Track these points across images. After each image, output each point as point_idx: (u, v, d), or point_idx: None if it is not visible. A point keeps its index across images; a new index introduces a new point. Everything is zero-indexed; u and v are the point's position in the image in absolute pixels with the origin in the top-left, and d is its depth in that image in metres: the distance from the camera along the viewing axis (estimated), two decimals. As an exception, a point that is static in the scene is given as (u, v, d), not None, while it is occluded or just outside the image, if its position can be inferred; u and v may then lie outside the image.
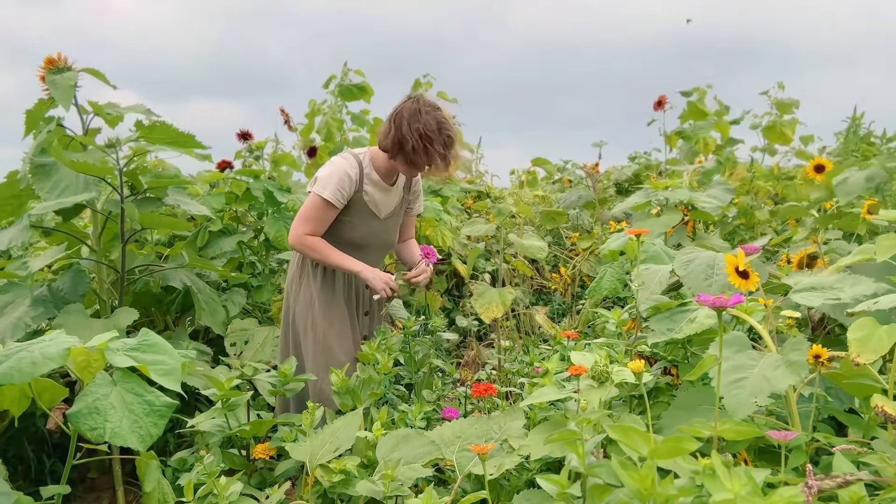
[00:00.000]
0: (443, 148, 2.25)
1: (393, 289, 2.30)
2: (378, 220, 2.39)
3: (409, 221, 2.61)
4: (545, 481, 1.10)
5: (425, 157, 2.23)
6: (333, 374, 1.94)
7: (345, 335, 2.36)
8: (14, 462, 2.39)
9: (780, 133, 4.57)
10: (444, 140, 2.25)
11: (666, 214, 2.40)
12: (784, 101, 4.61)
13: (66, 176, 2.20)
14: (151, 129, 2.33)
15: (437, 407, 2.04)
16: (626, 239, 1.68)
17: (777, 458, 1.10)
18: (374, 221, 2.38)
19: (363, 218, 2.35)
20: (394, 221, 2.47)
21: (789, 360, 1.17)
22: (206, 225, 2.99)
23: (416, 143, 2.20)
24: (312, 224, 2.28)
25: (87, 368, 1.36)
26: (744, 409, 1.10)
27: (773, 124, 4.60)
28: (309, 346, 2.36)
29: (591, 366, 1.30)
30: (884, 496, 1.03)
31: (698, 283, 1.54)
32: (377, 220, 2.39)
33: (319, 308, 2.36)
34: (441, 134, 2.24)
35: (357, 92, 4.45)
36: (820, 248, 2.04)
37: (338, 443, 1.60)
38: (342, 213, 2.31)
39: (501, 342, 2.93)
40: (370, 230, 2.38)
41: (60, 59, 2.19)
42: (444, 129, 2.26)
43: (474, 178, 4.90)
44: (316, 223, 2.29)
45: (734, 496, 0.84)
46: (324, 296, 2.37)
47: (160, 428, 1.33)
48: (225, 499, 1.41)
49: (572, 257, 4.49)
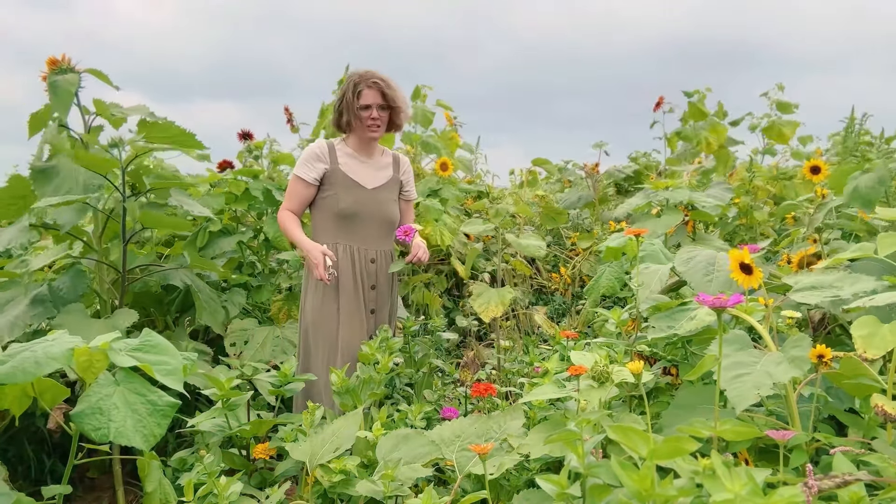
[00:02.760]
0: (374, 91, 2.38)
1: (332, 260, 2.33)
2: (365, 191, 2.44)
3: (407, 208, 2.65)
4: (544, 481, 1.10)
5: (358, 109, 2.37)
6: (333, 374, 1.94)
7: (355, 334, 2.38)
8: (14, 462, 2.39)
9: (778, 132, 4.59)
10: (370, 85, 2.38)
11: (666, 214, 2.40)
12: (784, 101, 4.64)
13: (67, 180, 2.21)
14: (153, 127, 2.33)
15: (437, 407, 2.05)
16: (625, 238, 1.69)
17: (777, 458, 1.10)
18: (361, 191, 2.44)
19: (347, 188, 2.42)
20: (386, 195, 2.51)
21: (791, 355, 1.17)
22: (206, 225, 2.99)
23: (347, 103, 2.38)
24: (290, 200, 2.44)
25: (89, 369, 1.36)
26: (746, 401, 1.10)
27: (772, 124, 4.62)
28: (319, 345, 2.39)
29: (590, 366, 1.30)
30: (884, 496, 1.03)
31: (698, 280, 1.54)
32: (364, 189, 2.44)
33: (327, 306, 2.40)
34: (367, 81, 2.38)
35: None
36: (822, 248, 2.04)
37: (338, 443, 1.60)
38: (326, 187, 2.42)
39: (501, 342, 2.94)
40: (356, 199, 2.42)
41: (63, 59, 2.19)
42: (368, 76, 2.39)
43: (474, 178, 4.90)
44: (292, 199, 2.43)
45: (734, 496, 0.84)
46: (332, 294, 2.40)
47: (163, 427, 1.34)
48: (225, 499, 1.41)
49: (572, 257, 4.49)
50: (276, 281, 3.09)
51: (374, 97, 2.40)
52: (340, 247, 2.41)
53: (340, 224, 2.42)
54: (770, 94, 4.69)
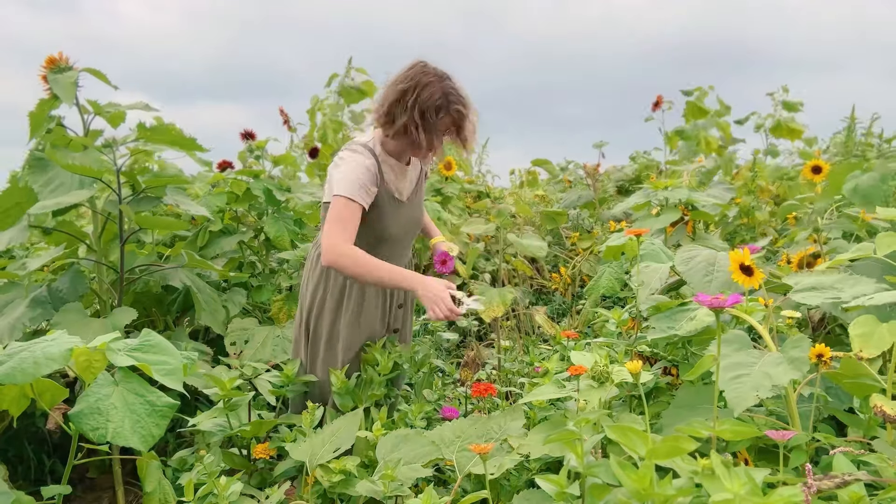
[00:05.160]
0: (452, 124, 1.94)
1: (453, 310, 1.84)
2: (402, 205, 2.09)
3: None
4: (544, 481, 1.10)
5: (431, 136, 1.91)
6: (333, 375, 1.94)
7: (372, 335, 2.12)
8: (14, 462, 2.39)
9: (787, 129, 4.62)
10: (452, 116, 1.93)
11: (665, 214, 2.40)
12: (790, 101, 4.68)
13: (62, 173, 2.20)
14: (152, 131, 2.33)
15: (437, 407, 2.04)
16: (626, 238, 1.68)
17: (777, 458, 1.10)
18: (399, 208, 2.08)
19: (390, 208, 2.05)
20: (417, 198, 2.17)
21: (791, 356, 1.17)
22: (206, 225, 2.99)
23: (415, 124, 1.88)
24: (347, 229, 1.89)
25: (88, 369, 1.36)
26: (744, 403, 1.10)
27: (779, 123, 4.65)
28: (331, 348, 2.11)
29: (590, 366, 1.30)
30: (884, 496, 1.03)
31: (698, 280, 1.54)
32: (401, 204, 2.09)
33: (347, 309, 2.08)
34: (449, 109, 1.91)
35: (356, 94, 4.46)
36: (821, 248, 2.04)
37: (338, 443, 1.60)
38: (370, 210, 2.00)
39: (501, 342, 2.93)
40: (396, 217, 2.07)
41: (62, 58, 2.20)
42: (452, 101, 1.91)
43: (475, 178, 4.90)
44: (349, 228, 1.90)
45: (733, 496, 0.84)
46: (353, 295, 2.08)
47: (162, 428, 1.34)
48: (225, 499, 1.41)
49: (572, 257, 4.49)
50: (277, 281, 3.09)
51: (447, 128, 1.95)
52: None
53: (376, 246, 2.04)
54: (776, 96, 4.73)
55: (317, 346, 2.12)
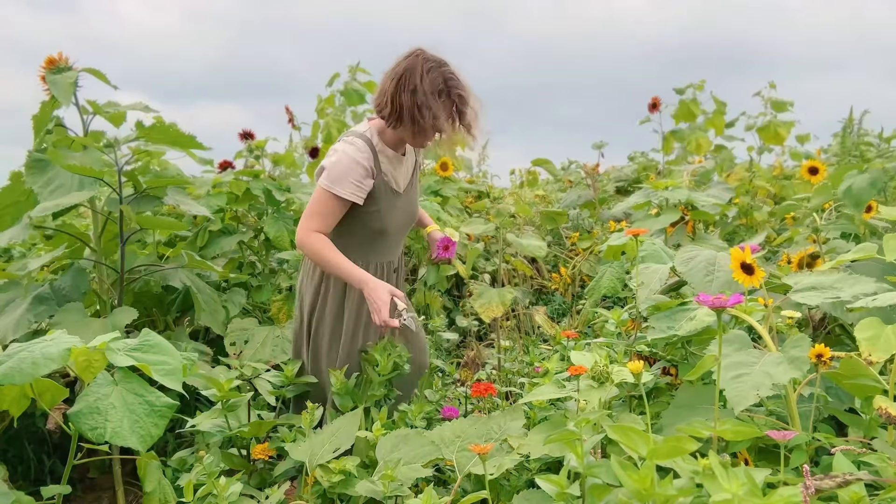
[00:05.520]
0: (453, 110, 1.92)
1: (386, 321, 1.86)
2: (399, 196, 2.06)
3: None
4: (544, 481, 1.10)
5: (432, 124, 1.88)
6: (333, 375, 1.94)
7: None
8: (14, 462, 2.39)
9: (774, 133, 4.60)
10: (454, 100, 1.92)
11: (665, 214, 2.40)
12: (779, 100, 4.63)
13: (62, 173, 2.20)
14: (151, 130, 2.33)
15: (437, 407, 2.04)
16: (626, 238, 1.68)
17: (777, 458, 1.10)
18: (396, 199, 2.05)
19: (388, 201, 2.02)
20: (413, 189, 2.15)
21: (791, 356, 1.17)
22: (206, 225, 2.99)
23: (418, 108, 1.86)
24: (320, 220, 1.94)
25: (88, 368, 1.36)
26: (745, 401, 1.10)
27: (767, 125, 4.63)
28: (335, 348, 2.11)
29: (590, 366, 1.30)
30: (884, 496, 1.03)
31: (699, 280, 1.54)
32: (398, 196, 2.06)
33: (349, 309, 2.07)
34: (450, 93, 1.91)
35: (357, 98, 4.47)
36: (821, 248, 2.04)
37: (337, 443, 1.60)
38: (368, 203, 1.99)
39: (501, 342, 2.93)
40: (394, 210, 2.05)
41: (61, 58, 2.19)
42: (452, 86, 1.91)
43: (475, 177, 4.90)
44: (326, 218, 1.94)
45: (733, 496, 0.84)
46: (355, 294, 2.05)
47: (161, 428, 1.33)
48: (224, 499, 1.41)
49: (572, 257, 4.48)
50: (277, 281, 3.09)
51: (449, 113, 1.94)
52: (372, 266, 2.07)
53: (374, 240, 2.05)
54: (763, 94, 4.68)
55: (318, 346, 2.12)
